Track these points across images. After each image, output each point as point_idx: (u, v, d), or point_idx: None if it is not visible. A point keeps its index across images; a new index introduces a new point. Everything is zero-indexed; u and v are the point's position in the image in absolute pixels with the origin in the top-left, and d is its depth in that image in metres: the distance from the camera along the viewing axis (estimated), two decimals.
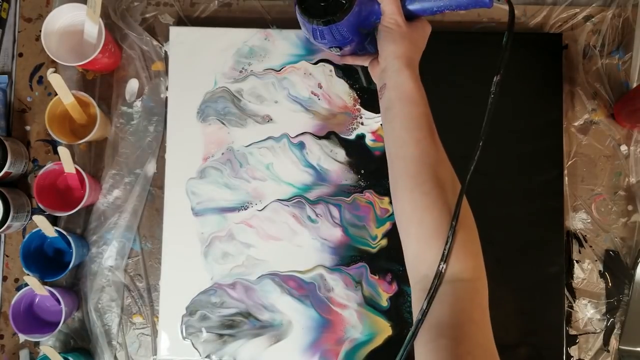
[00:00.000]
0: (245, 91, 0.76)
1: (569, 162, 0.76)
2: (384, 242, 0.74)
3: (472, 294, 0.47)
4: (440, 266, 0.47)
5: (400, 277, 0.73)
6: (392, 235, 0.74)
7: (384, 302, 0.73)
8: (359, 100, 0.75)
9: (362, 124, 0.75)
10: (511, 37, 0.51)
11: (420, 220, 0.49)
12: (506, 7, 0.52)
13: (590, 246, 0.76)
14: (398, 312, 0.73)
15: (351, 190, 0.74)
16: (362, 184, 0.75)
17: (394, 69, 0.54)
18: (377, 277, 0.73)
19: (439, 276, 0.47)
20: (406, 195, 0.51)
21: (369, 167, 0.75)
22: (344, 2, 0.54)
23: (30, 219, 0.77)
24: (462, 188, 0.49)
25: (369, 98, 0.75)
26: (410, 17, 0.56)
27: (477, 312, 0.47)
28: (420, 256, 0.49)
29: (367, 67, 0.61)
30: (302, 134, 0.75)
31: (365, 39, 0.60)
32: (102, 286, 0.76)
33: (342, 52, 0.61)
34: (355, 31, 0.56)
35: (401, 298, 0.73)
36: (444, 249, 0.47)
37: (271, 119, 0.76)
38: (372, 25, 0.57)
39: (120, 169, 0.77)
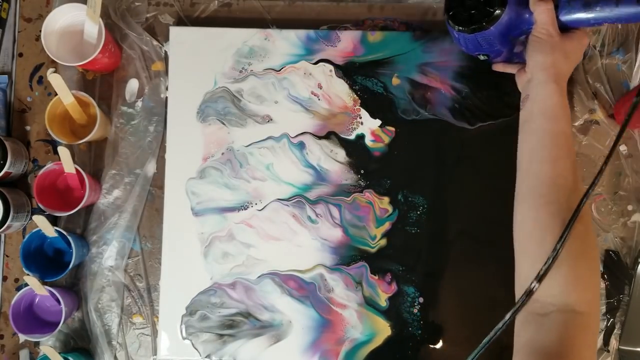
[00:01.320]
0: (245, 91, 0.76)
1: None
2: (383, 242, 0.74)
3: (584, 328, 0.45)
4: (533, 285, 0.45)
5: (400, 277, 0.73)
6: (391, 235, 0.74)
7: (383, 302, 0.73)
8: (359, 101, 0.75)
9: (361, 123, 0.75)
10: None
11: (541, 241, 0.47)
12: None
13: None
14: (397, 312, 0.73)
15: (351, 190, 0.74)
16: (362, 183, 0.75)
17: (539, 80, 0.52)
18: (376, 277, 0.73)
19: (528, 294, 0.45)
20: (531, 213, 0.49)
21: (369, 167, 0.75)
22: (492, 10, 0.52)
23: (30, 219, 0.77)
24: (575, 212, 0.46)
25: (368, 98, 0.75)
26: (565, 28, 0.54)
27: (585, 349, 0.45)
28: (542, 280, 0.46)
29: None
30: (302, 134, 0.75)
31: (515, 47, 0.57)
32: (102, 286, 0.76)
33: (491, 59, 0.59)
34: (503, 40, 0.54)
35: (400, 298, 0.73)
36: (540, 269, 0.44)
37: (271, 119, 0.76)
38: (523, 34, 0.55)
39: (120, 169, 0.77)
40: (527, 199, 0.50)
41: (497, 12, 0.52)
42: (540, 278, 0.45)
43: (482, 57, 0.60)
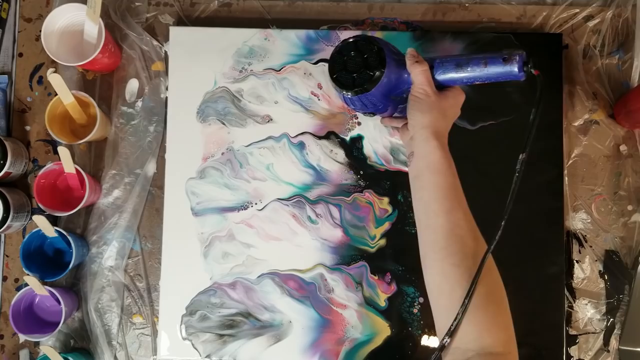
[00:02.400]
0: (245, 91, 0.76)
1: (569, 162, 0.76)
2: (382, 242, 0.74)
3: None
4: (445, 340, 0.47)
5: (400, 277, 0.73)
6: (391, 235, 0.74)
7: (382, 303, 0.73)
8: None
9: (358, 124, 0.75)
10: (538, 113, 0.52)
11: (450, 293, 0.49)
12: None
13: (590, 246, 0.76)
14: (396, 312, 0.73)
15: (351, 190, 0.74)
16: (361, 183, 0.75)
17: (422, 138, 0.55)
18: (376, 278, 0.73)
19: (440, 349, 0.47)
20: (436, 267, 0.51)
21: (368, 167, 0.75)
22: (372, 73, 0.55)
23: (30, 219, 0.77)
24: (481, 262, 0.49)
25: None
26: (441, 86, 0.57)
27: None
28: (460, 329, 0.48)
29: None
30: (302, 133, 0.75)
31: (399, 104, 0.61)
32: (102, 286, 0.76)
33: (378, 114, 0.62)
34: (386, 99, 0.57)
35: (399, 298, 0.73)
36: (451, 325, 0.47)
37: (271, 119, 0.76)
38: (403, 93, 0.58)
39: (120, 169, 0.77)
40: (430, 253, 0.52)
41: (377, 74, 0.55)
42: (451, 333, 0.47)
43: (369, 115, 0.64)
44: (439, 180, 0.53)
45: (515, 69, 0.54)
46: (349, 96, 0.57)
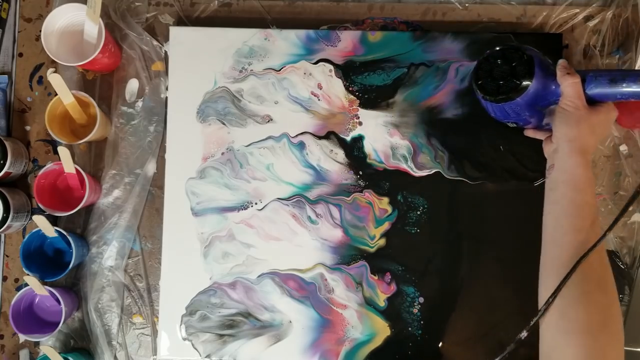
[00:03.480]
0: (245, 91, 0.76)
1: None
2: (381, 242, 0.74)
3: None
4: (523, 334, 0.46)
5: (399, 277, 0.73)
6: (390, 235, 0.74)
7: (382, 303, 0.73)
8: (358, 101, 0.75)
9: (359, 123, 0.75)
10: None
11: (562, 313, 0.48)
12: None
13: None
14: (396, 312, 0.73)
15: (351, 189, 0.74)
16: (361, 183, 0.75)
17: (564, 152, 0.53)
18: (376, 278, 0.73)
19: (516, 341, 0.47)
20: (554, 283, 0.50)
21: (367, 167, 0.75)
22: (519, 82, 0.53)
23: (30, 219, 0.77)
24: (570, 271, 0.48)
25: (368, 98, 0.75)
26: (592, 101, 0.54)
27: None
28: (557, 350, 0.47)
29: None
30: (302, 133, 0.75)
31: (543, 117, 0.58)
32: (102, 286, 0.76)
33: (520, 126, 0.60)
34: (531, 109, 0.55)
35: (399, 298, 0.73)
36: (529, 324, 0.46)
37: (271, 119, 0.76)
38: (550, 105, 0.56)
39: (120, 169, 0.77)
40: (550, 267, 0.51)
41: (525, 83, 0.52)
42: (530, 328, 0.46)
43: (511, 125, 0.61)
44: (575, 197, 0.51)
45: None
46: (491, 104, 0.55)
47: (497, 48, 0.55)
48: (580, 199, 0.51)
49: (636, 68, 0.77)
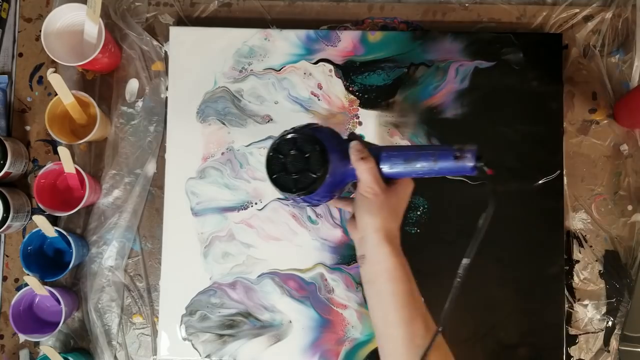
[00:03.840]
0: (246, 91, 0.76)
1: (569, 162, 0.76)
2: None
3: None
4: None
5: None
6: None
7: None
8: (358, 101, 0.75)
9: (359, 123, 0.75)
10: (488, 219, 0.51)
11: None
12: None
13: (590, 246, 0.76)
14: None
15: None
16: None
17: (373, 243, 0.52)
18: None
19: None
20: None
21: None
22: (315, 175, 0.51)
23: (30, 219, 0.77)
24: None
25: (368, 97, 0.75)
26: (388, 178, 0.53)
27: None
28: None
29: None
30: None
31: (343, 190, 0.57)
32: (102, 286, 0.76)
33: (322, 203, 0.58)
34: (330, 193, 0.54)
35: None
36: None
37: (271, 119, 0.76)
38: (348, 185, 0.55)
39: (120, 169, 0.77)
40: None
41: (319, 175, 0.51)
42: None
43: (313, 204, 0.59)
44: (395, 289, 0.51)
45: (468, 167, 0.50)
46: (292, 197, 0.53)
47: (288, 136, 0.52)
48: (401, 289, 0.51)
49: (634, 68, 0.77)
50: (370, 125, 0.75)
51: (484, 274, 0.73)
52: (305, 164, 0.51)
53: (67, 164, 0.71)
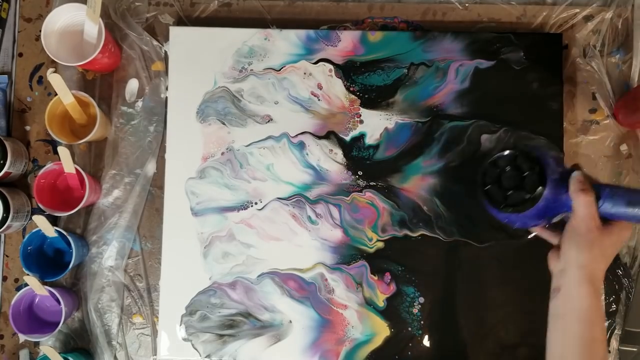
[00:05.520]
0: (246, 91, 0.76)
1: (569, 162, 0.76)
2: (380, 243, 0.74)
3: None
4: None
5: (399, 277, 0.73)
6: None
7: (381, 303, 0.73)
8: (359, 101, 0.75)
9: (360, 122, 0.75)
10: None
11: None
12: None
13: None
14: (396, 312, 0.73)
15: (350, 189, 0.74)
16: (360, 183, 0.75)
17: (574, 279, 0.50)
18: (376, 278, 0.73)
19: None
20: None
21: (367, 166, 0.75)
22: (528, 196, 0.50)
23: (30, 219, 0.77)
24: None
25: (368, 97, 0.75)
26: (604, 218, 0.51)
27: None
28: None
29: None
30: (302, 133, 0.75)
31: (553, 220, 0.54)
32: (102, 286, 0.76)
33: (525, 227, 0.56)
34: (539, 220, 0.52)
35: (398, 298, 0.73)
36: None
37: (271, 119, 0.76)
38: (559, 215, 0.53)
39: (120, 169, 0.77)
40: None
41: (533, 196, 0.49)
42: None
43: (515, 227, 0.57)
44: (584, 332, 0.49)
45: None
46: (498, 212, 0.52)
47: (506, 152, 0.51)
48: (589, 335, 0.49)
49: (634, 68, 0.77)
50: (371, 125, 0.75)
51: (485, 274, 0.73)
52: (521, 183, 0.50)
53: (67, 164, 0.71)
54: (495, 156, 0.52)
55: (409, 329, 0.72)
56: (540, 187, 0.49)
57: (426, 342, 0.72)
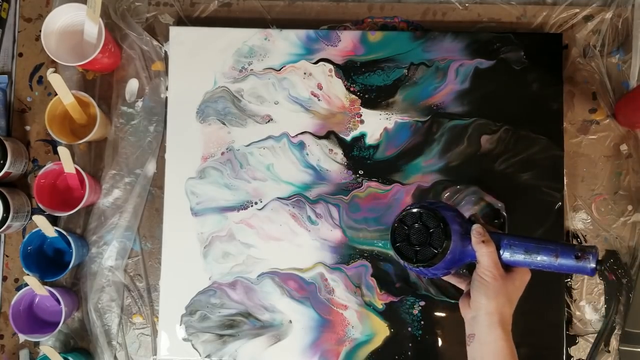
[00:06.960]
0: (246, 91, 0.76)
1: (569, 162, 0.76)
2: (379, 244, 0.74)
3: None
4: None
5: (399, 277, 0.73)
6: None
7: (379, 305, 0.73)
8: (359, 101, 0.75)
9: (361, 122, 0.75)
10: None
11: None
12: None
13: None
14: (396, 313, 0.73)
15: (350, 187, 0.74)
16: (360, 182, 0.75)
17: (485, 324, 0.53)
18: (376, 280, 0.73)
19: None
20: None
21: (368, 166, 0.75)
22: (436, 250, 0.53)
23: (30, 219, 0.77)
24: None
25: (368, 97, 0.75)
26: (507, 265, 0.55)
27: None
28: None
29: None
30: (302, 133, 0.75)
31: (460, 268, 0.58)
32: (102, 286, 0.76)
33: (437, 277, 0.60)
34: (447, 270, 0.55)
35: (398, 302, 0.73)
36: None
37: (271, 119, 0.76)
38: (466, 263, 0.56)
39: (120, 169, 0.77)
40: None
41: (440, 250, 0.53)
42: None
43: (426, 278, 0.62)
44: None
45: (588, 268, 0.51)
46: (409, 266, 0.55)
47: (414, 210, 0.54)
48: None
49: (634, 68, 0.77)
50: (372, 124, 0.75)
51: None
52: (428, 239, 0.53)
53: (67, 164, 0.71)
54: (402, 213, 0.55)
55: (409, 329, 0.72)
56: (446, 242, 0.52)
57: (426, 342, 0.72)
